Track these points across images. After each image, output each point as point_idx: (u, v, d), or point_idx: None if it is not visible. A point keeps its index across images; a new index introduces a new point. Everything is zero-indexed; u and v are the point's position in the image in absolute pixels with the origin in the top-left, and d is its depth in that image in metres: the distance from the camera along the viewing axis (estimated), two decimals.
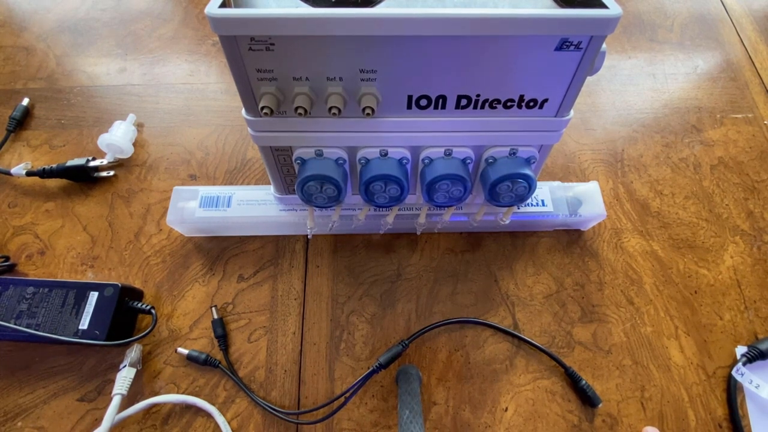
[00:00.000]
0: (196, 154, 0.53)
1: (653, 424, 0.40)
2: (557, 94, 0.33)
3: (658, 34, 0.65)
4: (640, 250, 0.48)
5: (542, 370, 0.42)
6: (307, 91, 0.31)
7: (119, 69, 0.60)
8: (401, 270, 0.46)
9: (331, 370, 0.42)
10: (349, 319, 0.44)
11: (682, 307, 0.45)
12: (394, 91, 0.32)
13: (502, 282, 0.46)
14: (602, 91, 0.60)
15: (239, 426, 0.39)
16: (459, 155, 0.37)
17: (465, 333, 0.43)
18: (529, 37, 0.28)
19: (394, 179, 0.36)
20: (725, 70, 0.62)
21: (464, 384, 0.41)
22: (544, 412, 0.40)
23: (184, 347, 0.41)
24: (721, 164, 0.54)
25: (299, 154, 0.37)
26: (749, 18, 0.67)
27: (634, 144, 0.55)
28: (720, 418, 0.40)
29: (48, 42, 0.63)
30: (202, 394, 0.40)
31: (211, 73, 0.60)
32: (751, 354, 0.41)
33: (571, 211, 0.45)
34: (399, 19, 0.27)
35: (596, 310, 0.44)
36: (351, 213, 0.44)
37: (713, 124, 0.57)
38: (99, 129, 0.54)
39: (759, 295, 0.45)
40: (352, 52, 0.29)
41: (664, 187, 0.52)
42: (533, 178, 0.37)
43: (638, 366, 0.42)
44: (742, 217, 0.50)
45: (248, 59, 0.29)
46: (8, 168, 0.50)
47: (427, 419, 0.40)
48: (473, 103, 0.33)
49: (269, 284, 0.45)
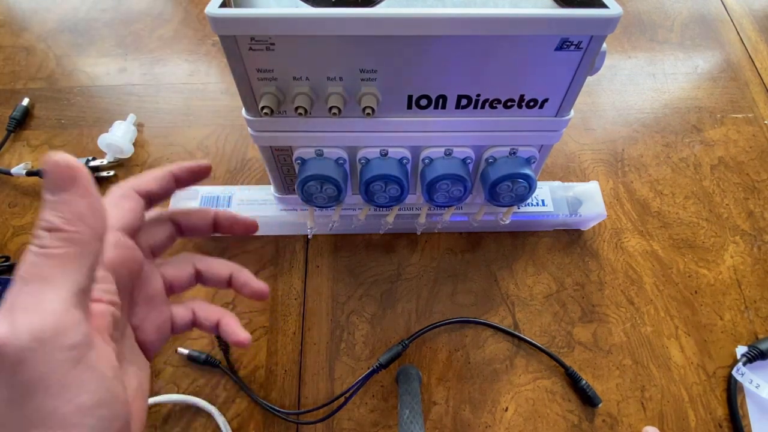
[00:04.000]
0: (196, 154, 0.53)
1: (653, 423, 0.40)
2: (557, 94, 0.33)
3: (658, 34, 0.65)
4: (640, 250, 0.48)
5: (542, 370, 0.42)
6: (307, 91, 0.31)
7: (119, 69, 0.60)
8: (401, 270, 0.46)
9: (331, 370, 0.42)
10: (349, 319, 0.44)
11: (683, 307, 0.45)
12: (395, 91, 0.32)
13: (502, 282, 0.46)
14: (602, 91, 0.60)
15: (239, 426, 0.39)
16: (459, 155, 0.37)
17: (465, 333, 0.43)
18: (530, 37, 0.28)
19: (394, 179, 0.36)
20: (725, 69, 0.62)
21: (464, 384, 0.41)
22: (544, 412, 0.40)
23: (184, 347, 0.41)
24: (721, 164, 0.53)
25: (299, 154, 0.37)
26: (749, 18, 0.67)
27: (635, 144, 0.55)
28: (720, 418, 0.40)
29: (48, 42, 0.63)
30: (202, 394, 0.40)
31: (211, 73, 0.60)
32: (752, 354, 0.41)
33: (572, 211, 0.45)
34: (399, 19, 0.27)
35: (596, 310, 0.44)
36: (351, 213, 0.44)
37: (713, 124, 0.57)
38: (99, 129, 0.54)
39: (759, 295, 0.45)
40: (352, 52, 0.29)
41: (664, 187, 0.52)
42: (533, 178, 0.37)
43: (638, 366, 0.42)
44: (743, 217, 0.50)
45: (248, 59, 0.29)
46: (8, 168, 0.50)
47: (427, 419, 0.40)
48: (473, 103, 0.33)
49: (269, 284, 0.45)
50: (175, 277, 0.26)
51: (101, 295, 0.20)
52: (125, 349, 0.21)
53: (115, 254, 0.21)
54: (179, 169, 0.26)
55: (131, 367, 0.21)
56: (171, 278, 0.26)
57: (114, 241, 0.21)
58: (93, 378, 0.16)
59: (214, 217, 0.27)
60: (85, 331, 0.16)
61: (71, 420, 0.15)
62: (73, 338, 0.15)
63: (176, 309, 0.25)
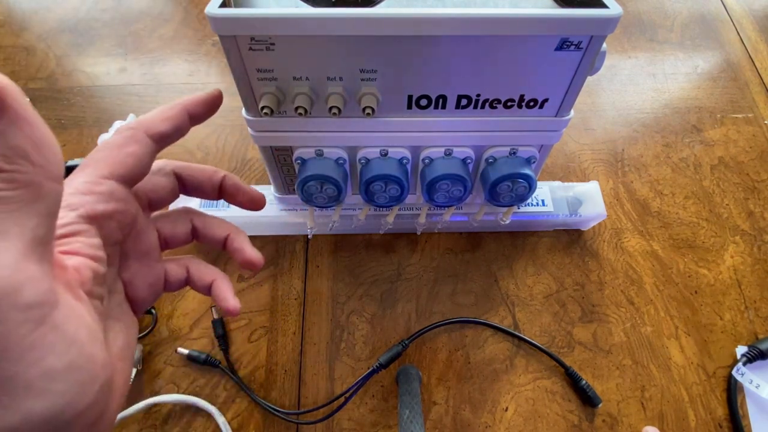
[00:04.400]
0: (196, 154, 0.53)
1: (653, 423, 0.40)
2: (557, 94, 0.33)
3: (658, 34, 0.65)
4: (640, 250, 0.48)
5: (542, 370, 0.42)
6: (307, 91, 0.31)
7: (119, 69, 0.60)
8: (401, 270, 0.46)
9: (331, 370, 0.41)
10: (349, 319, 0.44)
11: (683, 307, 0.45)
12: (395, 90, 0.32)
13: (502, 282, 0.46)
14: (602, 91, 0.60)
15: (239, 426, 0.39)
16: (459, 155, 0.37)
17: (465, 333, 0.43)
18: (530, 37, 0.28)
19: (394, 179, 0.36)
20: (725, 70, 0.62)
21: (464, 384, 0.41)
22: (544, 412, 0.40)
23: (184, 347, 0.41)
24: (721, 164, 0.53)
25: (299, 154, 0.37)
26: (749, 18, 0.67)
27: (635, 144, 0.55)
28: (720, 418, 0.40)
29: (48, 42, 0.63)
30: (202, 394, 0.40)
31: (211, 73, 0.60)
32: (752, 354, 0.41)
33: (572, 211, 0.45)
34: (399, 19, 0.27)
35: (596, 310, 0.44)
36: (351, 213, 0.44)
37: (713, 124, 0.57)
38: (99, 129, 0.54)
39: (759, 295, 0.45)
40: (352, 52, 0.29)
41: (664, 187, 0.52)
42: (533, 178, 0.37)
43: (638, 366, 0.42)
44: (743, 217, 0.50)
45: (248, 59, 0.29)
46: None
47: (427, 419, 0.40)
48: (473, 103, 0.33)
49: (269, 284, 0.45)
50: (171, 232, 0.24)
51: (79, 248, 0.18)
52: (112, 305, 0.20)
53: (107, 207, 0.19)
54: (192, 103, 0.24)
55: (117, 324, 0.19)
56: (167, 234, 0.24)
57: (107, 191, 0.19)
58: (60, 340, 0.14)
59: (221, 180, 0.26)
60: (45, 287, 0.14)
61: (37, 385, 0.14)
62: (30, 296, 0.13)
63: (170, 266, 0.24)
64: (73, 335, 0.15)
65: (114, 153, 0.20)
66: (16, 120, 0.13)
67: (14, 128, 0.13)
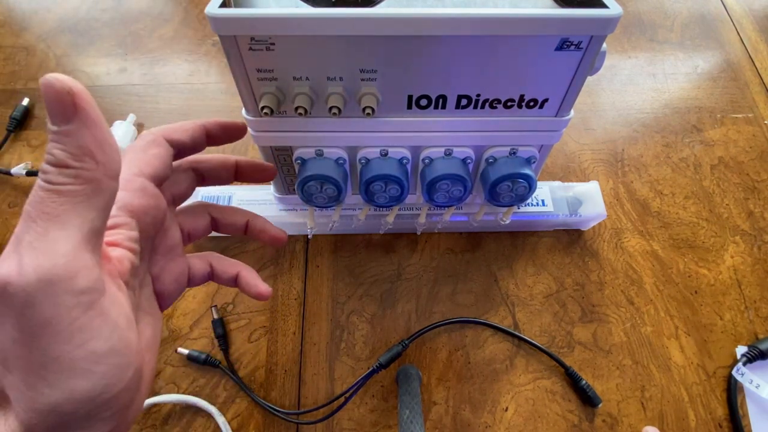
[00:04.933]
0: None
1: (653, 423, 0.40)
2: (557, 94, 0.33)
3: (658, 34, 0.65)
4: (640, 250, 0.48)
5: (542, 370, 0.42)
6: (307, 91, 0.31)
7: (119, 69, 0.60)
8: (401, 270, 0.46)
9: (331, 370, 0.42)
10: (349, 319, 0.44)
11: (683, 307, 0.45)
12: (395, 91, 0.32)
13: (502, 282, 0.46)
14: (602, 91, 0.60)
15: (239, 426, 0.39)
16: (459, 155, 0.37)
17: (465, 333, 0.43)
18: (530, 37, 0.28)
19: (394, 179, 0.36)
20: (725, 70, 0.62)
21: (464, 384, 0.41)
22: (544, 412, 0.40)
23: (184, 347, 0.41)
24: (721, 164, 0.53)
25: (299, 154, 0.37)
26: (749, 18, 0.67)
27: (635, 144, 0.55)
28: (720, 417, 0.40)
29: (48, 42, 0.63)
30: (202, 394, 0.40)
31: (211, 73, 0.60)
32: (752, 354, 0.41)
33: (572, 211, 0.45)
34: (399, 19, 0.27)
35: (596, 310, 0.44)
36: (351, 213, 0.44)
37: (713, 124, 0.57)
38: None
39: (759, 295, 0.45)
40: (352, 52, 0.29)
41: (664, 187, 0.52)
42: (533, 178, 0.37)
43: (638, 366, 0.42)
44: (743, 217, 0.50)
45: (248, 59, 0.29)
46: (8, 168, 0.50)
47: (427, 419, 0.40)
48: (473, 103, 0.33)
49: (269, 284, 0.45)
50: (193, 226, 0.25)
51: (121, 240, 0.19)
52: (143, 298, 0.21)
53: (141, 201, 0.20)
54: (212, 125, 0.25)
55: (147, 317, 0.20)
56: (189, 228, 0.25)
57: (141, 188, 0.20)
58: (105, 325, 0.15)
59: (236, 164, 0.27)
60: (96, 276, 0.15)
61: (81, 365, 0.15)
62: (83, 283, 0.15)
63: (193, 261, 0.25)
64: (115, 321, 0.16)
65: (140, 155, 0.22)
66: (86, 121, 0.14)
67: (84, 129, 0.14)
